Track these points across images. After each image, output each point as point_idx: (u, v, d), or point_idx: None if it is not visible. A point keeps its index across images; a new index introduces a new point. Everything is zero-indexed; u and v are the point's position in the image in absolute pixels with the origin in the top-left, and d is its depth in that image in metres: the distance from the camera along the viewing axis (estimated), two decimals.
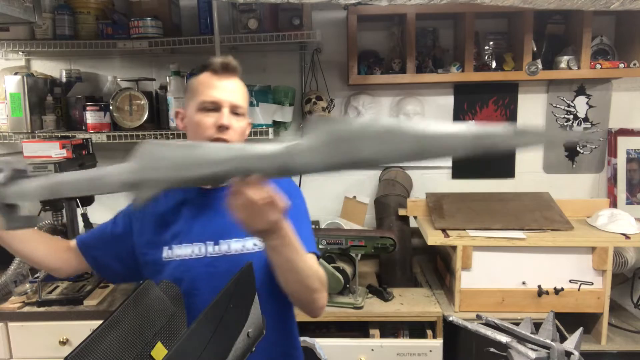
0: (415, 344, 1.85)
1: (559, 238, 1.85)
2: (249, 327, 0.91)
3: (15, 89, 2.12)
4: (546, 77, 2.24)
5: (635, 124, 2.37)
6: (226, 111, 1.16)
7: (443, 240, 1.87)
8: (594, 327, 1.90)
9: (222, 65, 1.18)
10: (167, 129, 2.22)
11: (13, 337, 1.82)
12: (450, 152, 0.64)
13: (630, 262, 2.00)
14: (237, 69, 1.21)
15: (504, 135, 0.60)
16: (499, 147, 0.60)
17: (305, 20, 2.17)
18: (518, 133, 0.60)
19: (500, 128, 0.60)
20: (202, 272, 1.17)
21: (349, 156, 0.69)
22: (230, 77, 1.20)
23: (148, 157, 0.83)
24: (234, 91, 1.19)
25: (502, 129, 0.60)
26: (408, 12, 2.14)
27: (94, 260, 1.28)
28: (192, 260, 1.18)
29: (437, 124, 0.63)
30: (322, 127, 0.69)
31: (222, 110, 1.16)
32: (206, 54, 2.27)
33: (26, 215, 1.04)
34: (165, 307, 0.83)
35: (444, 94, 2.41)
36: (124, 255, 1.24)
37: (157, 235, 1.22)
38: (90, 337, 0.69)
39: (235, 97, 1.18)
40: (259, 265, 1.16)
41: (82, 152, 2.02)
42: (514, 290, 1.88)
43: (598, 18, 2.20)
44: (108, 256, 1.26)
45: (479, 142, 0.61)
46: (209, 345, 0.77)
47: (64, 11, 2.17)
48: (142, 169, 0.83)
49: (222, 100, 1.16)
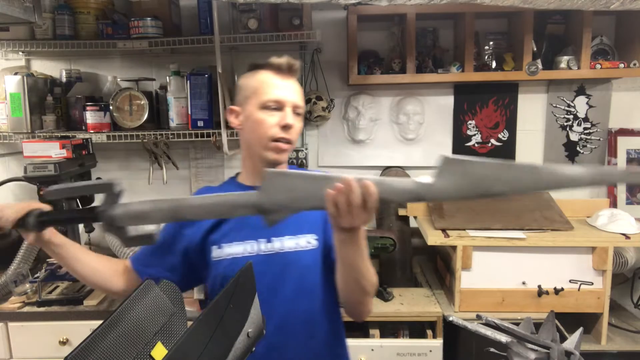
0: (415, 344, 1.85)
1: (559, 238, 1.85)
2: (249, 327, 0.91)
3: (15, 89, 2.12)
4: (546, 77, 2.24)
5: (635, 124, 2.37)
6: (289, 111, 1.17)
7: (443, 240, 1.87)
8: (594, 327, 1.90)
9: (288, 65, 1.19)
10: (167, 128, 2.22)
11: (13, 337, 1.82)
12: (570, 187, 0.76)
13: (630, 262, 2.00)
14: (298, 70, 1.23)
15: (620, 175, 0.75)
16: (613, 182, 0.70)
17: (305, 20, 2.17)
18: (632, 174, 0.73)
19: (617, 170, 0.76)
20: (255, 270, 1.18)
21: (479, 192, 0.79)
22: (292, 77, 1.22)
23: (277, 188, 0.90)
24: (296, 91, 1.20)
25: (619, 171, 0.76)
26: (408, 12, 2.14)
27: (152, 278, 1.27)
28: (244, 259, 1.18)
29: (564, 168, 0.74)
30: (456, 168, 0.79)
31: (284, 109, 1.17)
32: (206, 54, 2.29)
33: (142, 234, 1.03)
34: (165, 307, 0.83)
35: (444, 94, 2.41)
36: (177, 265, 1.23)
37: (207, 236, 1.22)
38: (90, 337, 0.69)
39: (297, 98, 1.20)
40: (313, 263, 1.18)
41: (82, 152, 2.03)
42: (514, 290, 1.88)
43: (598, 18, 2.20)
44: (163, 271, 1.25)
45: (597, 180, 0.75)
46: (209, 345, 0.77)
47: (64, 11, 2.16)
48: (271, 198, 0.90)
49: (286, 100, 1.17)
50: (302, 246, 1.18)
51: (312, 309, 1.18)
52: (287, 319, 1.17)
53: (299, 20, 2.15)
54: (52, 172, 1.82)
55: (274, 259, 1.18)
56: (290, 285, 1.17)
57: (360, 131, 2.40)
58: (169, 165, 2.38)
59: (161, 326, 0.80)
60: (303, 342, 1.18)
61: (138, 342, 0.75)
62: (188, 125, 2.17)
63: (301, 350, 1.18)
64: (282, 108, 1.17)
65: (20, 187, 2.50)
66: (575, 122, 2.39)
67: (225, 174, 2.51)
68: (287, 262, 1.17)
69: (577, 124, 2.39)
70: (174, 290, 0.87)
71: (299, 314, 1.18)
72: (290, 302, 1.17)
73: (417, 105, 2.39)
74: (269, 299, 1.17)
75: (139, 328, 0.76)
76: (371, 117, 2.40)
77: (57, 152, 1.90)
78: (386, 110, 2.43)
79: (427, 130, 2.43)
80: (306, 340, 1.18)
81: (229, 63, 2.37)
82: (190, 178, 2.51)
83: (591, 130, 2.39)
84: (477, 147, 2.43)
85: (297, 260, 1.17)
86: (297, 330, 1.18)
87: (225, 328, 0.83)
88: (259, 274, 1.17)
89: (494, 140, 2.42)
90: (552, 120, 2.40)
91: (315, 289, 1.18)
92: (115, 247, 2.07)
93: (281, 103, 1.17)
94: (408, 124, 2.39)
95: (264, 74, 1.20)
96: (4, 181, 2.15)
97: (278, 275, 1.17)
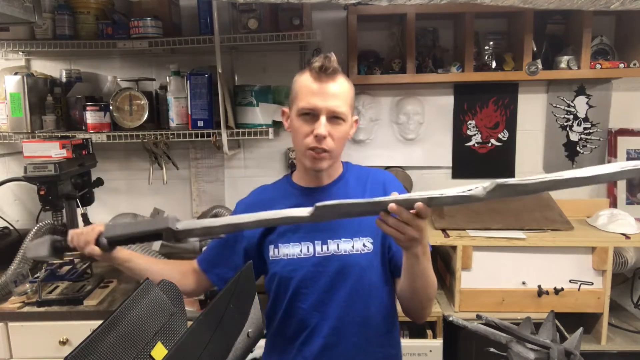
0: (415, 344, 1.85)
1: (559, 238, 1.85)
2: (249, 327, 0.91)
3: (15, 89, 2.12)
4: (546, 77, 2.23)
5: (635, 124, 2.37)
6: (323, 119, 1.14)
7: (443, 240, 1.87)
8: (594, 327, 1.90)
9: (320, 68, 1.14)
10: (167, 129, 2.22)
11: (13, 337, 1.82)
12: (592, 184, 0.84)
13: (630, 262, 2.00)
14: (337, 70, 1.16)
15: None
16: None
17: (305, 20, 2.17)
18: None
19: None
20: (311, 271, 1.19)
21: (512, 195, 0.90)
22: (330, 80, 1.15)
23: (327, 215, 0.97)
24: (333, 96, 1.15)
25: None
26: (408, 12, 2.14)
27: (217, 278, 1.30)
28: (300, 259, 1.20)
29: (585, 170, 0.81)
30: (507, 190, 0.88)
31: (319, 117, 1.14)
32: (206, 54, 2.29)
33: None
34: (165, 307, 0.83)
35: (444, 94, 2.41)
36: (241, 264, 1.26)
37: (265, 235, 1.24)
38: (90, 337, 0.69)
39: (333, 103, 1.14)
40: (368, 265, 1.20)
41: (82, 152, 2.03)
42: (514, 290, 1.88)
43: (598, 18, 2.20)
44: (228, 270, 1.28)
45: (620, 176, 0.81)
46: (209, 345, 0.77)
47: (64, 11, 2.16)
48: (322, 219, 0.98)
49: (320, 108, 1.14)
50: (358, 249, 1.19)
51: (367, 312, 1.20)
52: (343, 321, 1.19)
53: (299, 20, 2.15)
54: (52, 172, 1.81)
55: (330, 261, 1.19)
56: (346, 287, 1.18)
57: (360, 131, 2.40)
58: (169, 165, 2.38)
59: (161, 326, 0.80)
60: (357, 343, 1.20)
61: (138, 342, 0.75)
62: (188, 125, 2.17)
63: (355, 351, 1.20)
64: (317, 115, 1.14)
65: (20, 187, 2.50)
66: (575, 122, 2.39)
67: (226, 174, 2.51)
68: (342, 264, 1.18)
69: (577, 124, 2.39)
70: (174, 290, 0.87)
71: (354, 316, 1.19)
72: (345, 304, 1.19)
73: (417, 105, 2.39)
74: (325, 300, 1.19)
75: (139, 328, 0.76)
76: (371, 117, 2.40)
77: (57, 152, 1.90)
78: (386, 110, 2.43)
79: (427, 130, 2.43)
80: (360, 342, 1.20)
81: (229, 63, 2.37)
82: (190, 178, 2.51)
83: (591, 130, 2.39)
84: (477, 147, 2.43)
85: (352, 263, 1.18)
86: (351, 332, 1.19)
87: (225, 328, 0.83)
88: (316, 275, 1.19)
89: (494, 140, 2.42)
90: (552, 120, 2.40)
91: (371, 291, 1.20)
92: None
93: (315, 110, 1.14)
94: (408, 124, 2.39)
95: (304, 77, 1.18)
96: (4, 181, 2.15)
97: (334, 278, 1.19)
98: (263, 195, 1.33)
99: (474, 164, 2.43)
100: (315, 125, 1.14)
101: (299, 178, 1.30)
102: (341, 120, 1.17)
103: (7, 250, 2.10)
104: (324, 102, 1.14)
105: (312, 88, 1.15)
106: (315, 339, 1.20)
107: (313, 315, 1.20)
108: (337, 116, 1.16)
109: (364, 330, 1.20)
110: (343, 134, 1.19)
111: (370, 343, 1.21)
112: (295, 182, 1.30)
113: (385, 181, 1.28)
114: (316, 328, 1.20)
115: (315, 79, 1.15)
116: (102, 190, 2.34)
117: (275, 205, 1.23)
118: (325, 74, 1.14)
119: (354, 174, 1.31)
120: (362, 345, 1.21)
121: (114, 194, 2.52)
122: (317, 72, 1.14)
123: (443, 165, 2.45)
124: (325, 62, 1.13)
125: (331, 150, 1.16)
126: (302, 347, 1.22)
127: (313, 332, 1.20)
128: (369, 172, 1.33)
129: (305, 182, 1.28)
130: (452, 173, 2.46)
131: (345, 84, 1.19)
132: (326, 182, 1.26)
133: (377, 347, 1.23)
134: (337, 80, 1.17)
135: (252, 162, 2.50)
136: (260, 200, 1.30)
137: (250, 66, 2.39)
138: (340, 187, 1.26)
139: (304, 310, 1.20)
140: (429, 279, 1.11)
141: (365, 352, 1.21)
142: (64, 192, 1.90)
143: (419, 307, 1.19)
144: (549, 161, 2.43)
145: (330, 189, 1.26)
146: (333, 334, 1.19)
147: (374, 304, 1.21)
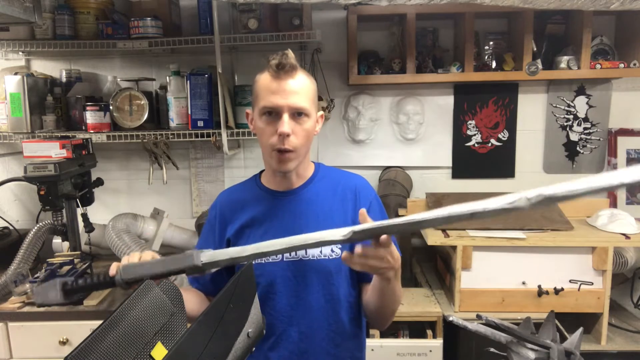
0: (415, 344, 1.85)
1: (559, 238, 1.85)
2: (249, 327, 0.91)
3: (15, 89, 2.12)
4: (546, 77, 2.24)
5: (635, 124, 2.37)
6: (286, 117, 1.11)
7: (443, 240, 1.87)
8: (594, 327, 1.90)
9: (277, 65, 1.11)
10: (167, 128, 2.22)
11: (13, 337, 1.82)
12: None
13: (630, 262, 2.00)
14: (295, 66, 1.13)
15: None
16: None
17: (305, 20, 2.17)
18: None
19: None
20: (280, 276, 1.18)
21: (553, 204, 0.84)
22: (289, 77, 1.12)
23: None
24: (293, 92, 1.11)
25: None
26: (408, 12, 2.14)
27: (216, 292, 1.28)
28: (269, 264, 1.18)
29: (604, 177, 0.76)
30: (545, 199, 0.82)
31: (281, 116, 1.11)
32: (206, 54, 2.29)
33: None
34: (165, 307, 0.83)
35: (444, 94, 2.41)
36: (218, 276, 1.24)
37: (236, 242, 1.22)
38: (90, 337, 0.69)
39: (294, 99, 1.11)
40: (336, 271, 1.19)
41: (82, 152, 2.03)
42: (514, 290, 1.88)
43: (598, 18, 2.21)
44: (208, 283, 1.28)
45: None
46: (209, 345, 0.77)
47: (64, 11, 2.16)
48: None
49: (281, 106, 1.11)
50: (326, 254, 1.17)
51: (336, 317, 1.19)
52: (312, 326, 1.18)
53: (299, 20, 2.15)
54: (52, 172, 1.81)
55: (298, 265, 1.17)
56: (315, 292, 1.18)
57: (360, 131, 2.40)
58: (169, 165, 2.38)
59: (161, 326, 0.80)
60: (327, 349, 1.19)
61: (138, 342, 0.75)
62: (188, 125, 2.17)
63: (324, 357, 1.19)
64: (279, 114, 1.11)
65: (20, 187, 2.50)
66: (575, 122, 2.39)
67: (225, 174, 2.51)
68: (310, 269, 1.17)
69: (577, 124, 2.39)
70: (174, 290, 0.87)
71: (323, 322, 1.19)
72: (314, 309, 1.18)
73: (417, 105, 2.39)
74: (294, 305, 1.18)
75: (139, 328, 0.76)
76: (371, 117, 2.40)
77: (57, 152, 1.90)
78: (386, 110, 2.43)
79: (427, 130, 2.43)
80: (329, 348, 1.20)
81: (229, 63, 2.37)
82: (190, 178, 2.51)
83: (591, 130, 2.39)
84: (477, 147, 2.43)
85: (320, 268, 1.17)
86: (321, 337, 1.19)
87: (225, 328, 0.83)
88: (284, 280, 1.18)
89: (494, 140, 2.42)
90: (552, 120, 2.40)
91: (339, 296, 1.19)
92: (115, 247, 2.07)
93: (277, 108, 1.11)
94: (408, 124, 2.39)
95: (263, 77, 1.16)
96: (4, 181, 2.15)
97: (302, 282, 1.18)
98: (232, 197, 1.29)
99: (474, 164, 2.43)
100: (279, 124, 1.11)
101: (267, 180, 1.26)
102: (304, 116, 1.14)
103: (7, 250, 2.10)
104: (284, 99, 1.11)
105: (271, 87, 1.13)
106: (283, 345, 1.19)
107: (281, 321, 1.18)
108: (300, 112, 1.13)
109: (333, 336, 1.19)
110: (307, 131, 1.15)
111: (340, 348, 1.20)
112: (265, 185, 1.26)
113: (357, 187, 1.25)
114: (284, 334, 1.18)
115: (274, 78, 1.13)
116: (102, 190, 2.35)
117: (246, 208, 1.22)
118: (284, 71, 1.12)
119: (326, 176, 1.27)
120: (331, 350, 1.20)
121: (114, 194, 2.52)
122: (275, 71, 1.12)
123: (443, 165, 2.45)
124: (283, 59, 1.12)
125: (296, 148, 1.13)
126: (270, 352, 1.19)
127: (281, 338, 1.19)
128: (342, 176, 1.29)
129: (274, 185, 1.24)
130: (452, 173, 2.46)
131: (305, 79, 1.16)
132: (296, 184, 1.23)
133: (346, 352, 1.22)
134: (296, 77, 1.13)
135: (252, 162, 2.50)
136: (229, 201, 1.27)
137: (250, 66, 2.39)
138: (310, 189, 1.23)
139: (271, 316, 1.18)
140: (395, 296, 1.12)
141: (334, 357, 1.20)
142: (64, 192, 1.90)
143: (383, 319, 1.21)
144: (549, 161, 2.43)
145: (300, 192, 1.22)
146: (302, 340, 1.18)
147: (343, 308, 1.20)
